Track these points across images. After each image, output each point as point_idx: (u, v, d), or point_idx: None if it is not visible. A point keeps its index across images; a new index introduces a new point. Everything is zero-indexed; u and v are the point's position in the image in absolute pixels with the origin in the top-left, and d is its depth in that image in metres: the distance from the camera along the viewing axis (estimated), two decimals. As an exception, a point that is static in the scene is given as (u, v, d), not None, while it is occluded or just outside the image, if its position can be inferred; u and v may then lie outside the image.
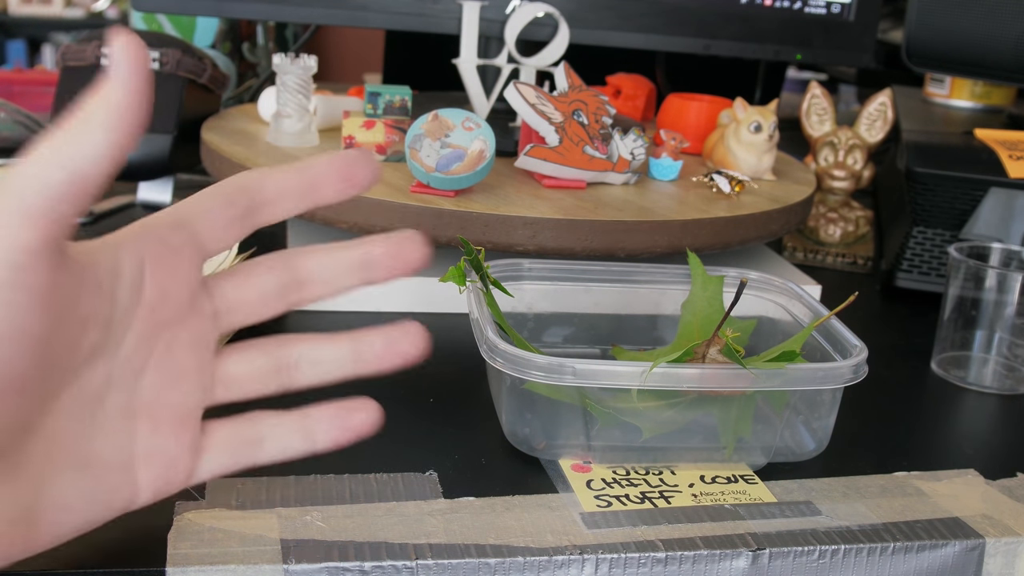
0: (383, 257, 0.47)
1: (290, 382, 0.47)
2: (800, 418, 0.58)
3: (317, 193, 0.45)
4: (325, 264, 0.46)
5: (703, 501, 0.52)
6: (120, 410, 0.42)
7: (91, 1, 4.53)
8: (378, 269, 0.47)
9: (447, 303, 0.75)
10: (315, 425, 0.47)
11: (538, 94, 0.76)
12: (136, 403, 0.42)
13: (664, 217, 0.72)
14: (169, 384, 0.43)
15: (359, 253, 0.47)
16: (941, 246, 0.87)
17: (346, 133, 0.80)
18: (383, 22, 0.89)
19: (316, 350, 0.47)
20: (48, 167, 0.36)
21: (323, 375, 0.47)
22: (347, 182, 0.45)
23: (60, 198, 0.36)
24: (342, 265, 0.46)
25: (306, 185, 0.45)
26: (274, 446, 0.46)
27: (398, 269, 0.47)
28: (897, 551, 0.50)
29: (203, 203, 0.43)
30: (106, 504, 0.42)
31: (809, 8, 0.97)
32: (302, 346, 0.47)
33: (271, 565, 0.44)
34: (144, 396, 0.42)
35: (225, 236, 0.44)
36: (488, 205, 0.71)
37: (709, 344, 0.55)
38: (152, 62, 0.90)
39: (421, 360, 0.49)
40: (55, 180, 0.36)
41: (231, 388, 0.46)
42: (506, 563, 0.46)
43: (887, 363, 0.73)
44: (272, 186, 0.44)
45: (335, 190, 0.45)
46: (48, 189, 0.36)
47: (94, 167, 0.37)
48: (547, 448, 0.55)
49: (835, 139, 0.99)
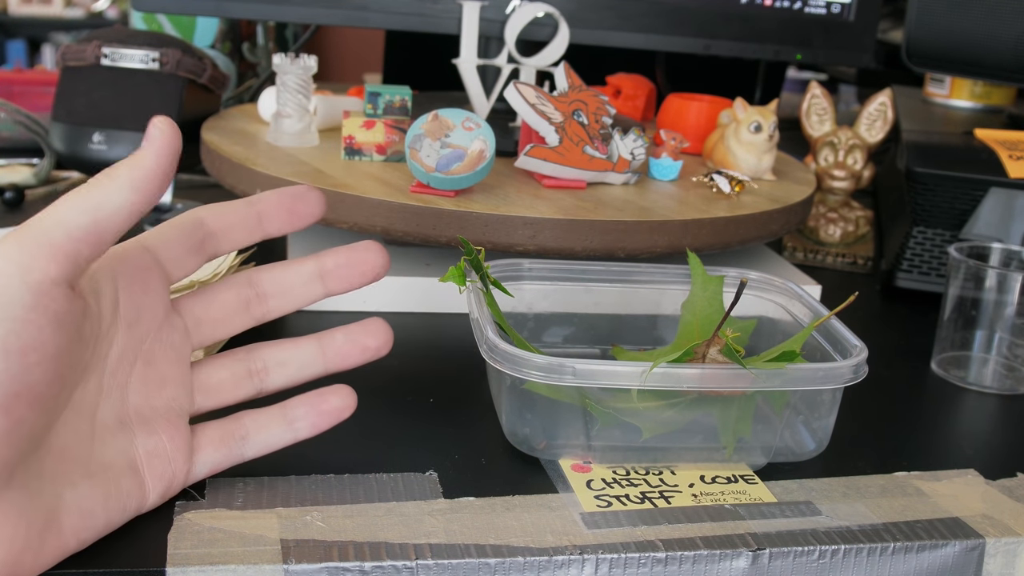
0: (337, 269, 0.52)
1: (263, 386, 0.52)
2: (800, 418, 0.58)
3: (264, 226, 0.50)
4: (283, 279, 0.52)
5: (703, 501, 0.52)
6: (114, 420, 0.46)
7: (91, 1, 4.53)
8: (334, 280, 0.52)
9: (447, 303, 0.75)
10: (294, 414, 0.51)
11: (538, 94, 0.76)
12: (127, 412, 0.47)
13: (664, 217, 0.72)
14: (153, 393, 0.48)
15: (313, 267, 0.52)
16: (941, 246, 0.87)
17: (346, 133, 0.80)
18: (383, 22, 0.89)
19: (282, 352, 0.52)
20: (75, 211, 0.41)
21: (293, 376, 0.52)
22: (292, 215, 0.51)
23: (81, 240, 0.41)
24: (299, 279, 0.52)
25: (254, 219, 0.50)
26: (259, 439, 0.51)
27: (354, 279, 0.52)
28: (897, 551, 0.50)
29: (164, 233, 0.48)
30: (121, 506, 0.45)
31: (809, 8, 0.97)
32: (269, 350, 0.52)
33: (271, 565, 0.44)
34: (133, 405, 0.47)
35: (184, 264, 0.49)
36: (488, 205, 0.71)
37: (709, 344, 0.55)
38: (152, 63, 0.90)
39: (385, 354, 0.53)
40: (79, 224, 0.41)
41: (211, 396, 0.50)
42: (506, 563, 0.46)
43: (887, 363, 0.73)
44: (222, 220, 0.49)
45: (281, 223, 0.51)
46: (73, 231, 0.41)
47: (114, 219, 0.42)
48: (547, 448, 0.55)
49: (835, 139, 0.99)
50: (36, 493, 0.41)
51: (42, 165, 1.02)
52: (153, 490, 0.47)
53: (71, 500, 0.43)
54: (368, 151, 0.81)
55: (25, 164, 1.06)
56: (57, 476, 0.42)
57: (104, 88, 0.90)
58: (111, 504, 0.44)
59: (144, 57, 0.90)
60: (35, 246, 0.40)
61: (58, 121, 0.90)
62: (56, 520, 0.42)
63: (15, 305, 0.39)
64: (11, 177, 1.01)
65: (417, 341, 0.70)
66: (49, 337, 0.40)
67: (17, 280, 0.39)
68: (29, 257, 0.39)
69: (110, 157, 0.89)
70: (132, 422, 0.46)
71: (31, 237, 0.40)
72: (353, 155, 0.81)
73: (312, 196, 0.51)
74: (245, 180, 0.76)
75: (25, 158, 1.09)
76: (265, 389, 0.52)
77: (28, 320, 0.39)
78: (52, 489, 0.42)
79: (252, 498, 0.49)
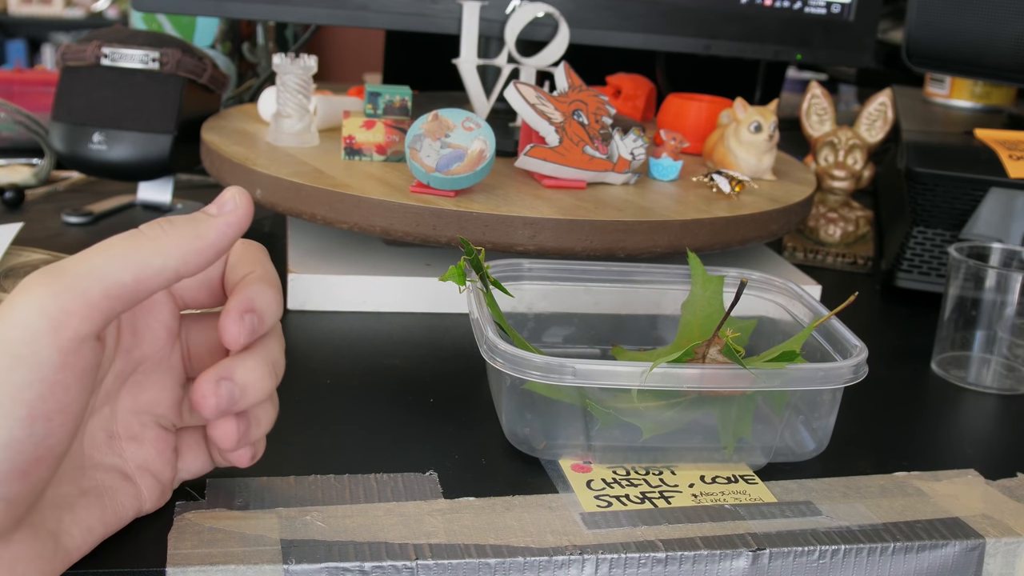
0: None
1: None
2: (800, 418, 0.58)
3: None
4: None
5: (703, 501, 0.52)
6: (104, 436, 0.45)
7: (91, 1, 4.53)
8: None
9: (447, 303, 0.75)
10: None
11: (538, 94, 0.76)
12: (116, 428, 0.46)
13: (664, 217, 0.72)
14: (143, 411, 0.46)
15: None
16: (941, 246, 0.87)
17: (346, 133, 0.80)
18: (383, 22, 0.89)
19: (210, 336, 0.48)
20: (117, 267, 0.39)
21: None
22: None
23: (119, 299, 0.39)
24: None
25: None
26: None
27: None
28: (897, 551, 0.50)
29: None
30: (118, 515, 0.45)
31: (809, 8, 0.97)
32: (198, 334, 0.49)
33: (271, 565, 0.44)
34: (121, 422, 0.46)
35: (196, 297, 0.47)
36: (488, 205, 0.71)
37: (709, 344, 0.55)
38: (152, 63, 0.90)
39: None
40: (120, 281, 0.39)
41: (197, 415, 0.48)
42: (506, 563, 0.46)
43: (887, 363, 0.73)
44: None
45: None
46: (111, 288, 0.38)
47: (156, 280, 0.40)
48: (547, 448, 0.55)
49: (835, 139, 0.99)
50: (40, 525, 0.41)
51: (42, 165, 1.02)
52: (149, 497, 0.46)
53: (70, 521, 0.42)
54: (368, 151, 0.81)
55: (25, 164, 1.06)
56: (56, 502, 0.42)
57: (104, 88, 0.90)
58: (108, 516, 0.44)
59: (144, 57, 0.90)
60: (70, 301, 0.37)
61: (58, 121, 0.90)
62: (61, 544, 0.41)
63: (44, 367, 0.37)
64: (11, 177, 1.01)
65: (417, 341, 0.70)
66: (75, 396, 0.38)
67: (47, 339, 0.37)
68: (63, 313, 0.37)
69: (109, 157, 0.89)
70: (120, 437, 0.46)
71: (66, 289, 0.37)
72: (353, 155, 0.81)
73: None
74: (245, 180, 0.76)
75: (25, 158, 1.09)
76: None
77: (56, 382, 0.37)
78: (54, 517, 0.41)
79: (252, 498, 0.49)
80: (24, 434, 0.37)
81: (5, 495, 0.37)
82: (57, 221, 0.92)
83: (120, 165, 0.90)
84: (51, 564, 0.41)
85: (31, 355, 0.37)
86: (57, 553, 0.41)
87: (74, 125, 0.90)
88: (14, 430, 0.36)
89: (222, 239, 0.42)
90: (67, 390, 0.38)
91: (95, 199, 0.98)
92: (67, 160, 0.91)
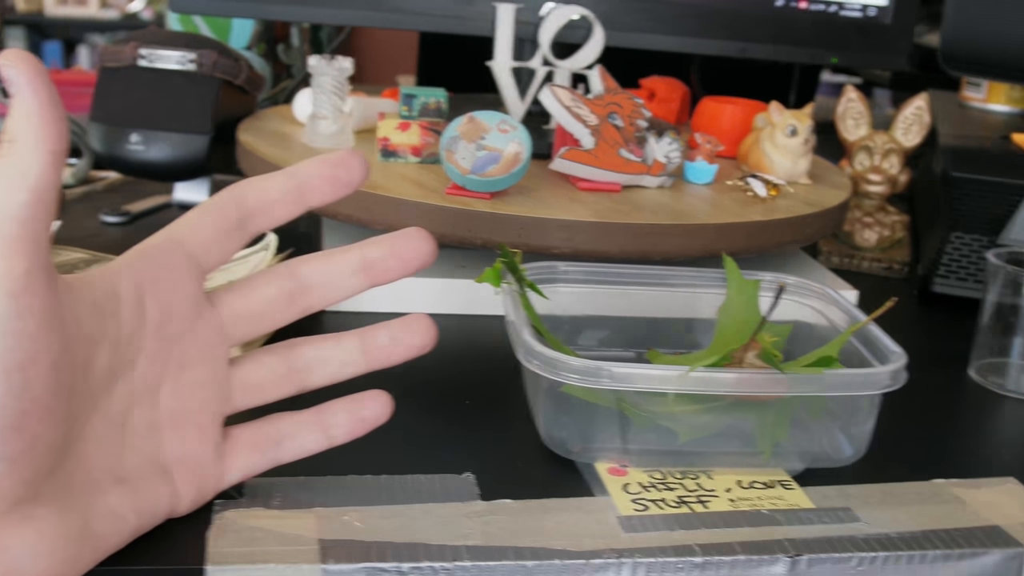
0: (381, 259, 0.49)
1: (303, 383, 0.50)
2: (838, 424, 0.57)
3: (306, 198, 0.48)
4: (326, 270, 0.49)
5: (740, 506, 0.52)
6: (145, 425, 0.45)
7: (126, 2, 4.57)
8: (378, 271, 0.49)
9: (482, 305, 0.75)
10: (330, 420, 0.50)
11: (573, 97, 0.76)
12: (158, 416, 0.46)
13: (699, 221, 0.72)
14: (186, 395, 0.46)
15: (357, 257, 0.49)
16: (979, 251, 0.86)
17: (381, 135, 0.80)
18: (418, 24, 0.90)
19: (324, 350, 0.50)
20: (10, 192, 0.37)
21: (335, 374, 0.50)
22: (335, 184, 0.48)
23: (29, 217, 0.38)
24: (342, 270, 0.49)
25: (294, 192, 0.47)
26: (294, 444, 0.50)
27: (398, 269, 0.50)
28: (936, 559, 0.50)
29: (193, 220, 0.46)
30: (152, 511, 0.45)
31: (845, 11, 0.97)
32: (310, 347, 0.50)
33: (309, 565, 0.44)
34: (164, 409, 0.46)
35: (221, 249, 0.46)
36: (523, 207, 0.71)
37: (747, 349, 0.55)
38: (189, 64, 0.91)
39: (428, 351, 0.51)
40: (19, 201, 0.37)
41: (249, 394, 0.49)
42: (543, 566, 0.46)
43: (924, 369, 0.72)
44: (261, 195, 0.47)
45: (324, 192, 0.48)
46: (16, 212, 0.37)
47: (44, 177, 0.38)
48: (583, 451, 0.55)
49: (871, 143, 0.99)
50: (68, 506, 0.41)
51: (80, 165, 1.03)
52: (185, 495, 0.46)
53: (102, 507, 0.42)
54: (403, 153, 0.81)
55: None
56: (87, 486, 0.42)
57: (142, 89, 0.91)
58: (142, 508, 0.44)
59: (181, 58, 0.91)
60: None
61: (96, 121, 0.91)
62: (89, 529, 0.41)
63: (1, 318, 0.37)
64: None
65: (452, 343, 0.70)
66: (45, 344, 0.38)
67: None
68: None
69: (147, 157, 0.90)
70: (162, 427, 0.46)
71: None
72: (388, 157, 0.81)
73: (354, 161, 0.48)
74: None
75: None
76: (305, 387, 0.50)
77: (18, 330, 0.37)
78: (83, 499, 0.41)
79: (290, 498, 0.50)
80: (1, 389, 0.37)
81: (3, 454, 0.37)
82: (94, 221, 0.93)
83: (157, 165, 0.91)
84: (78, 546, 0.40)
85: None
86: (85, 537, 0.41)
87: (112, 126, 0.90)
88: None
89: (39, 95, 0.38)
90: (33, 338, 0.37)
91: (132, 199, 0.99)
92: (105, 160, 0.92)
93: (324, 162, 0.48)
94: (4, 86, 0.38)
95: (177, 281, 0.45)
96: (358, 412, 0.50)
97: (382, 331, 0.51)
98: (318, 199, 0.48)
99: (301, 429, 0.50)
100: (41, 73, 0.39)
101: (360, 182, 0.48)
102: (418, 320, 0.51)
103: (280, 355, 0.49)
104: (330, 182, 0.48)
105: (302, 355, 0.50)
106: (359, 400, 0.51)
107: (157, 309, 0.44)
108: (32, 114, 0.38)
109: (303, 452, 0.50)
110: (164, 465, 0.46)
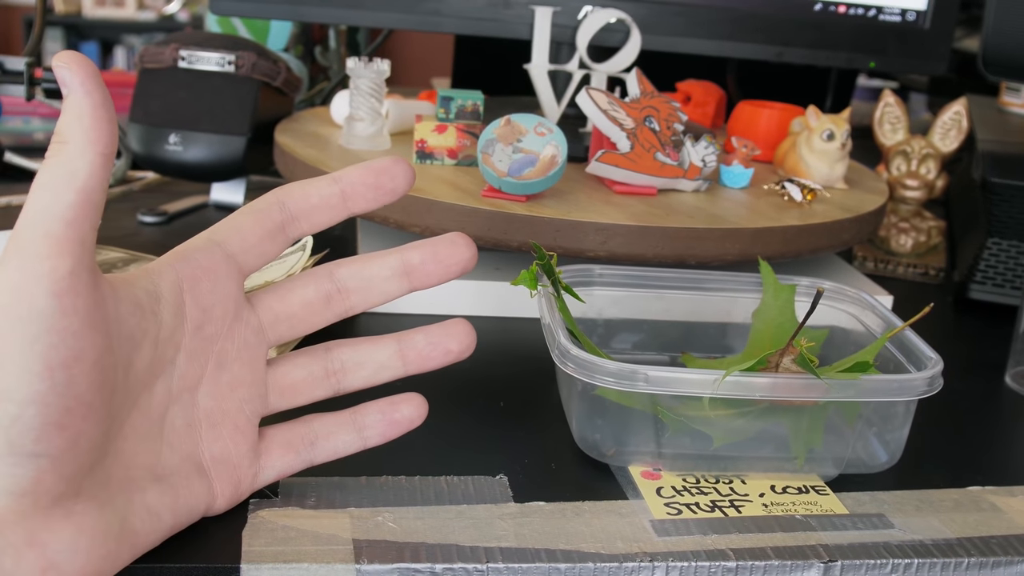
0: (421, 264, 0.49)
1: (339, 386, 0.50)
2: (873, 430, 0.57)
3: (349, 205, 0.48)
4: (366, 273, 0.49)
5: (774, 511, 0.52)
6: (183, 424, 0.46)
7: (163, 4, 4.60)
8: (418, 275, 0.50)
9: (518, 307, 0.76)
10: (364, 421, 0.50)
11: (610, 100, 0.76)
12: (196, 416, 0.46)
13: (735, 225, 0.72)
14: (224, 395, 0.47)
15: (397, 261, 0.49)
16: (1016, 257, 0.86)
17: (418, 137, 0.81)
18: (456, 27, 0.90)
19: (360, 353, 0.50)
20: (54, 193, 0.38)
21: (371, 377, 0.50)
22: (378, 191, 0.48)
23: (76, 217, 0.38)
24: (382, 273, 0.49)
25: (337, 198, 0.48)
26: (328, 445, 0.50)
27: (438, 274, 0.50)
28: (971, 567, 0.49)
29: (235, 222, 0.46)
30: (189, 509, 0.45)
31: (884, 16, 0.96)
32: (347, 350, 0.50)
33: (343, 564, 0.45)
34: (202, 408, 0.46)
35: (261, 251, 0.47)
36: (559, 210, 0.71)
37: (783, 353, 0.54)
38: (228, 65, 0.91)
39: (466, 357, 0.51)
40: (67, 202, 0.38)
41: (286, 395, 0.49)
42: (576, 568, 0.46)
43: (960, 376, 0.72)
44: (303, 200, 0.47)
45: (367, 200, 0.48)
46: (64, 212, 0.38)
47: (93, 178, 0.39)
48: (617, 454, 0.55)
49: (908, 148, 0.98)
50: (107, 502, 0.41)
51: (118, 165, 1.04)
52: (221, 494, 0.47)
53: (140, 504, 0.43)
54: (440, 155, 0.81)
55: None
56: (126, 483, 0.42)
57: (181, 90, 0.91)
58: (179, 506, 0.45)
59: (220, 60, 0.92)
60: (39, 247, 0.38)
61: (135, 122, 0.92)
62: (127, 526, 0.42)
63: (46, 316, 0.37)
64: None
65: (487, 345, 0.70)
66: (89, 342, 0.38)
67: (39, 289, 0.37)
68: (38, 261, 0.37)
69: (185, 158, 0.91)
70: (200, 426, 0.46)
71: (30, 240, 0.38)
72: (425, 159, 0.81)
73: (398, 169, 0.48)
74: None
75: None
76: (342, 390, 0.50)
77: (63, 328, 0.37)
78: (122, 496, 0.42)
79: (324, 498, 0.50)
80: (46, 386, 0.37)
81: (47, 451, 0.38)
82: (132, 220, 0.94)
83: (195, 166, 0.91)
84: (116, 543, 0.41)
85: (28, 310, 0.37)
86: (123, 533, 0.41)
87: (151, 126, 0.91)
88: (35, 384, 0.37)
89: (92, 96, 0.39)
90: (77, 336, 0.38)
91: (169, 199, 1.00)
92: (143, 160, 0.93)
93: (368, 169, 0.48)
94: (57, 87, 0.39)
95: (217, 282, 0.46)
96: (392, 414, 0.51)
97: (420, 335, 0.51)
98: (361, 206, 0.48)
99: (335, 430, 0.50)
100: (94, 75, 0.40)
101: (404, 190, 0.48)
102: (457, 325, 0.51)
103: (317, 357, 0.50)
104: (373, 189, 0.48)
105: (339, 357, 0.50)
106: (394, 402, 0.51)
107: (197, 309, 0.45)
108: (84, 115, 0.39)
109: (337, 453, 0.50)
110: (201, 464, 0.46)
